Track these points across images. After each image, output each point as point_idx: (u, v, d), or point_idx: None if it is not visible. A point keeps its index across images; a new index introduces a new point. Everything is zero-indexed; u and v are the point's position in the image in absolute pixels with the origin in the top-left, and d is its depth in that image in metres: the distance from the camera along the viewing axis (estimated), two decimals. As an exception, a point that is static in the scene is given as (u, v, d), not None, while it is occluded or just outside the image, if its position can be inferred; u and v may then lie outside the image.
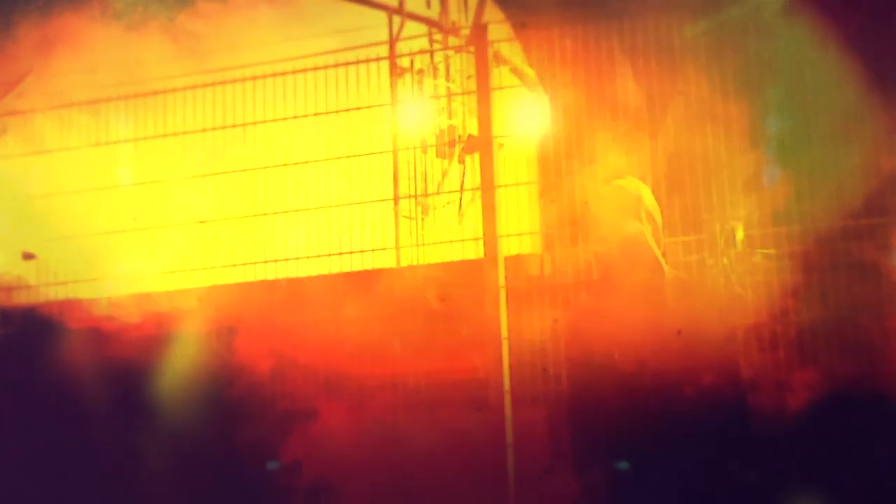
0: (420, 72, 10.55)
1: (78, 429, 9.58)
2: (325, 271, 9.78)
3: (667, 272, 8.45)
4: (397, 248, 10.19)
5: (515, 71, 9.97)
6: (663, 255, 8.54)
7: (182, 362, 9.62)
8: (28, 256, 10.48)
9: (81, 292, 10.30)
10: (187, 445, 9.24)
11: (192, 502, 9.19)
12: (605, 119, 8.99)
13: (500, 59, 9.68)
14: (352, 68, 9.95)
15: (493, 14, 11.12)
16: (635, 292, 7.90)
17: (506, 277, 9.01)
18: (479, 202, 9.47)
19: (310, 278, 9.77)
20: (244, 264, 10.00)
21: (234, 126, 10.20)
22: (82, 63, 11.02)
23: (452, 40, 11.33)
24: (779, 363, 8.30)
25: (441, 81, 10.70)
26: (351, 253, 9.72)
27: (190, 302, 9.97)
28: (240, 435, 9.31)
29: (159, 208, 10.42)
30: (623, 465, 7.62)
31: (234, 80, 10.24)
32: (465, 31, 11.21)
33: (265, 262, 9.93)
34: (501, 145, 9.43)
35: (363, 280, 9.61)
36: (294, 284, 9.78)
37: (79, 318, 9.98)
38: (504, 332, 8.93)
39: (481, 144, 9.35)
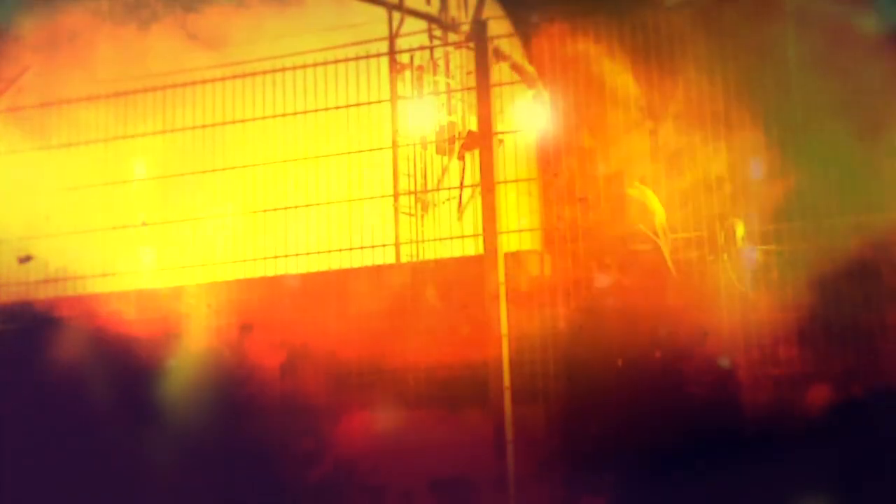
0: (420, 68, 10.52)
1: (84, 424, 9.57)
2: (324, 267, 9.78)
3: (674, 276, 8.43)
4: (397, 244, 10.18)
5: (515, 67, 9.94)
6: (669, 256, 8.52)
7: (186, 357, 9.62)
8: (24, 259, 10.46)
9: (88, 288, 10.31)
10: (194, 439, 9.24)
11: (200, 495, 9.18)
12: (605, 116, 8.96)
13: (499, 56, 9.66)
14: (352, 64, 9.92)
15: (492, 10, 11.11)
16: (640, 294, 7.88)
17: (506, 274, 9.00)
18: (478, 199, 9.46)
19: (310, 274, 9.77)
20: (244, 261, 10.00)
21: (233, 122, 10.18)
22: (84, 59, 11.02)
23: (452, 36, 11.29)
24: (780, 360, 8.29)
25: (441, 78, 10.67)
26: (351, 249, 9.71)
27: (191, 298, 9.97)
28: (245, 426, 9.30)
29: (160, 205, 10.42)
30: None
31: (233, 77, 10.22)
32: (465, 28, 11.18)
33: (265, 258, 9.93)
34: (501, 142, 9.41)
35: (363, 277, 9.60)
36: (295, 281, 9.77)
37: (85, 314, 9.98)
38: (504, 329, 8.91)
39: (481, 141, 9.33)
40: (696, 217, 8.80)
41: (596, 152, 8.99)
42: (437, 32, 11.52)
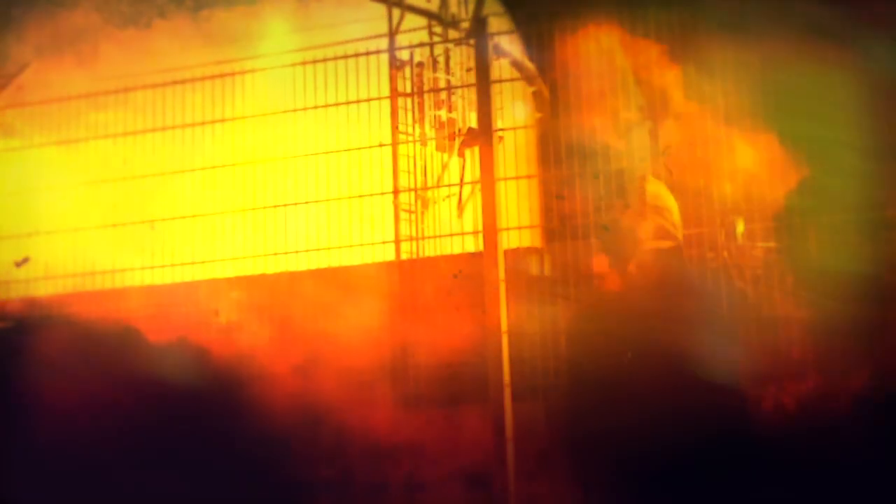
0: (420, 65, 10.51)
1: (84, 426, 9.56)
2: (323, 265, 9.78)
3: (689, 272, 8.40)
4: (397, 241, 10.17)
5: (515, 64, 9.94)
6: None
7: (183, 353, 9.62)
8: (21, 262, 10.45)
9: (87, 286, 10.31)
10: (196, 437, 9.25)
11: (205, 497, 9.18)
12: (605, 113, 8.97)
13: (500, 53, 9.66)
14: (351, 61, 9.93)
15: (492, 7, 11.11)
16: (644, 291, 7.84)
17: (506, 271, 9.00)
18: (478, 196, 9.46)
19: (309, 272, 9.77)
20: (241, 258, 10.00)
21: (232, 119, 10.19)
22: (86, 56, 11.02)
23: (452, 33, 11.29)
24: (780, 359, 8.29)
25: (441, 74, 10.67)
26: (350, 246, 9.71)
27: (185, 295, 9.97)
28: (246, 424, 9.30)
29: (159, 202, 10.42)
30: None
31: (232, 74, 10.23)
32: (465, 24, 11.18)
33: (263, 255, 9.93)
34: (501, 138, 9.41)
35: (362, 274, 9.60)
36: (294, 278, 9.77)
37: (86, 311, 9.98)
38: (504, 326, 8.92)
39: (481, 137, 9.33)
40: (696, 215, 8.79)
41: (596, 148, 9.00)
42: (437, 29, 11.52)
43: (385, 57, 10.26)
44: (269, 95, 10.15)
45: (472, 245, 9.81)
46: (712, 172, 8.68)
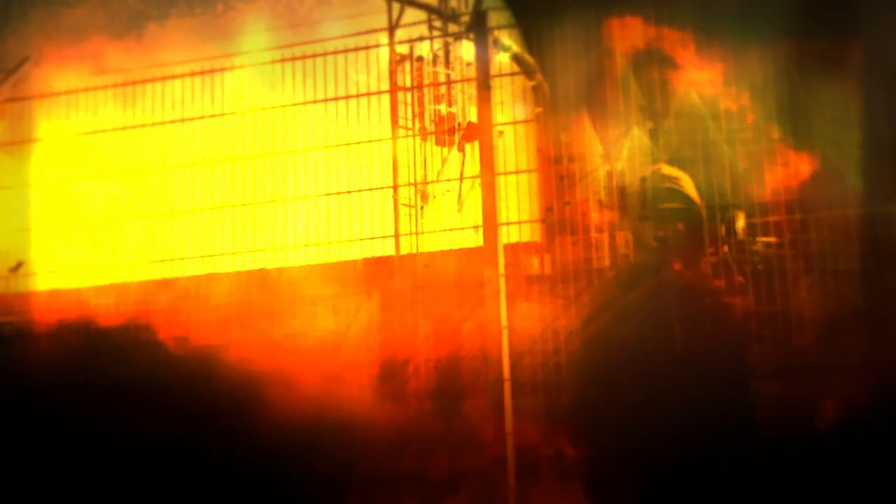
0: (419, 59, 10.50)
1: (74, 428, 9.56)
2: (323, 260, 9.78)
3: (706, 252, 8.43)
4: (397, 236, 10.17)
5: (515, 58, 9.93)
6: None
7: (171, 350, 9.63)
8: (15, 268, 10.45)
9: (84, 282, 10.33)
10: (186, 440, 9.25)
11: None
12: (605, 108, 8.97)
13: (499, 47, 9.65)
14: (351, 55, 9.92)
15: (492, 1, 11.08)
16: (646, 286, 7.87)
17: (506, 266, 9.00)
18: (478, 190, 9.45)
19: (308, 267, 9.77)
20: (239, 253, 10.00)
21: (232, 114, 10.18)
22: (86, 52, 11.03)
23: (452, 27, 11.27)
24: (780, 352, 8.30)
25: (441, 69, 10.65)
26: (350, 241, 9.71)
27: (182, 291, 9.97)
28: (243, 422, 9.30)
29: (153, 196, 10.43)
30: None
31: (232, 68, 10.23)
32: (465, 18, 11.16)
33: (263, 250, 9.93)
34: (501, 133, 9.40)
35: (361, 269, 9.59)
36: (294, 273, 9.78)
37: (72, 309, 9.98)
38: (504, 321, 8.91)
39: (481, 132, 9.32)
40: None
41: (595, 143, 9.00)
42: (437, 23, 11.49)
43: (385, 51, 10.26)
44: (268, 91, 10.15)
45: (472, 240, 9.80)
46: (713, 168, 8.67)
